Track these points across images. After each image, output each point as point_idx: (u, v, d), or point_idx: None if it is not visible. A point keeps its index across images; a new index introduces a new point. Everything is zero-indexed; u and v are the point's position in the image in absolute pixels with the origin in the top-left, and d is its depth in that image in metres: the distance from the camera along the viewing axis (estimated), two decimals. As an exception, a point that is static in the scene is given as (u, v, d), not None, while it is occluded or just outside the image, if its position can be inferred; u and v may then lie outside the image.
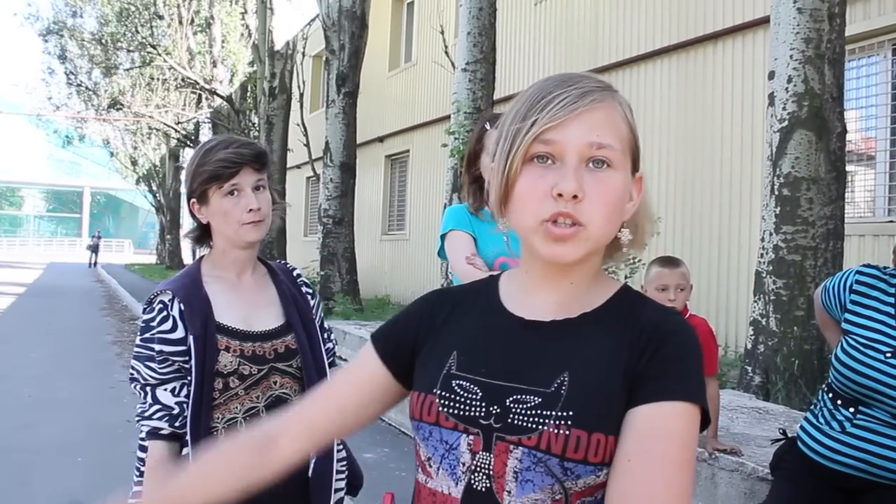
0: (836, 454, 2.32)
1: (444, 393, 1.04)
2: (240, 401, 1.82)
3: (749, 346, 5.26)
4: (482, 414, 1.00)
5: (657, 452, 0.92)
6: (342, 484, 2.03)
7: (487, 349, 1.06)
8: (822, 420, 2.42)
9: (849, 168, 5.72)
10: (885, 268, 2.45)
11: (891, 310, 2.35)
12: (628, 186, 1.03)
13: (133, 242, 64.27)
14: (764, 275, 5.10)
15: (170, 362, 1.79)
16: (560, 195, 0.95)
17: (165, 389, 1.81)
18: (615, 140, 0.99)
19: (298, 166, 19.81)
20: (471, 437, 1.00)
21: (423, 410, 1.05)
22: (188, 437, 1.78)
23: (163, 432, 1.78)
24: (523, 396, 0.99)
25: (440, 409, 1.03)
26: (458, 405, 1.02)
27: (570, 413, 0.95)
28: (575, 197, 0.95)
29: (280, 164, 16.47)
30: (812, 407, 2.54)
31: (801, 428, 2.50)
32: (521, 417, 0.98)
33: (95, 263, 35.79)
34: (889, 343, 2.29)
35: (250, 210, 1.83)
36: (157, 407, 1.79)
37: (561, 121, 0.97)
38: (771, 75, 5.20)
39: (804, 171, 4.93)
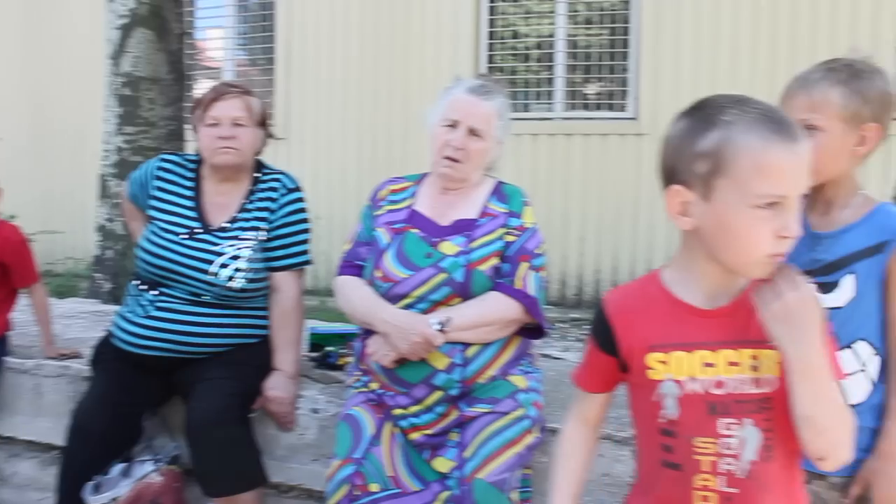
0: (143, 339, 2.34)
1: None
2: None
3: (99, 252, 5.12)
4: None
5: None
6: None
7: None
8: (128, 309, 2.42)
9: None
10: (185, 155, 2.55)
11: (189, 193, 2.45)
12: None
13: None
14: (108, 178, 4.97)
15: None
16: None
17: None
18: None
19: None
20: None
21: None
22: None
23: None
24: None
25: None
26: None
27: None
28: None
29: None
30: (123, 299, 2.53)
31: (113, 322, 2.47)
32: None
33: None
34: (185, 225, 2.39)
35: None
36: None
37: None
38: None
39: (146, 70, 4.90)
